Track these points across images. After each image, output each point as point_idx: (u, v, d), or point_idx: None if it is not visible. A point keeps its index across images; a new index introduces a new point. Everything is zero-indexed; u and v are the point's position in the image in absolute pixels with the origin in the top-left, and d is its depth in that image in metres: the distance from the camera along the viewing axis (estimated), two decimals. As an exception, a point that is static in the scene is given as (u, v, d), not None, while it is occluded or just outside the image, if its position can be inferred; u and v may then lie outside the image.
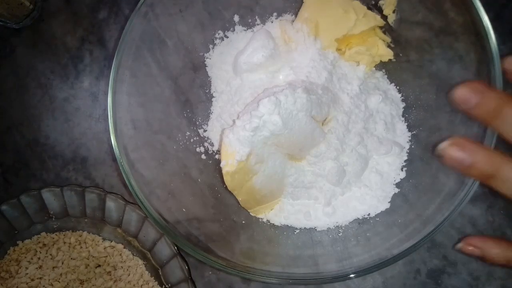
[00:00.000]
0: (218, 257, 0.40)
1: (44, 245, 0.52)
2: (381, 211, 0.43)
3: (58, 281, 0.50)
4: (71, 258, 0.51)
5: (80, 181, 0.55)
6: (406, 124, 0.46)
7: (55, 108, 0.57)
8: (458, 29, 0.39)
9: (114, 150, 0.41)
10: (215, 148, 0.50)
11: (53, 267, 0.50)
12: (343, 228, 0.44)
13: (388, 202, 0.43)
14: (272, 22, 0.51)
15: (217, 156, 0.49)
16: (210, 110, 0.51)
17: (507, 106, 0.30)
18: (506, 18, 0.48)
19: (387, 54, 0.46)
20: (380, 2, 0.46)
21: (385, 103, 0.45)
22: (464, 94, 0.31)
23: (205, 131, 0.50)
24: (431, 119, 0.42)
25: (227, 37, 0.51)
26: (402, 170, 0.44)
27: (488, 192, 0.46)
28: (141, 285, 0.49)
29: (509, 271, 0.44)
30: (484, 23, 0.35)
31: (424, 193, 0.41)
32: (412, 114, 0.46)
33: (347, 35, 0.45)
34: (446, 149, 0.32)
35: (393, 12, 0.46)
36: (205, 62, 0.51)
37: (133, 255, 0.51)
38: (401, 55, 0.46)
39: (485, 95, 0.31)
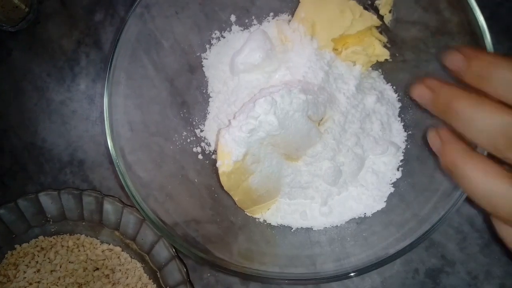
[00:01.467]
0: (216, 258, 0.40)
1: (42, 248, 0.52)
2: (378, 211, 0.43)
3: (57, 285, 0.50)
4: (69, 262, 0.51)
5: (77, 184, 0.55)
6: (402, 124, 0.46)
7: (51, 111, 0.57)
8: (454, 29, 0.39)
9: (111, 153, 0.41)
10: (212, 148, 0.50)
11: (51, 271, 0.50)
12: (340, 227, 0.44)
13: (384, 201, 0.43)
14: (268, 22, 0.51)
15: (214, 156, 0.49)
16: (207, 110, 0.51)
17: (455, 100, 0.30)
18: (501, 17, 0.48)
19: (383, 54, 0.46)
20: (377, 2, 0.46)
21: (381, 103, 0.45)
22: (419, 90, 0.32)
23: (202, 131, 0.50)
24: (427, 119, 0.42)
25: (224, 37, 0.51)
26: (398, 170, 0.44)
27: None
28: (140, 288, 0.49)
29: (507, 270, 0.44)
30: (480, 23, 0.35)
31: (420, 193, 0.41)
32: (408, 114, 0.46)
33: (343, 35, 0.45)
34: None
35: (389, 12, 0.46)
36: (202, 63, 0.51)
37: (131, 257, 0.50)
38: (397, 55, 0.46)
39: (437, 91, 0.31)
